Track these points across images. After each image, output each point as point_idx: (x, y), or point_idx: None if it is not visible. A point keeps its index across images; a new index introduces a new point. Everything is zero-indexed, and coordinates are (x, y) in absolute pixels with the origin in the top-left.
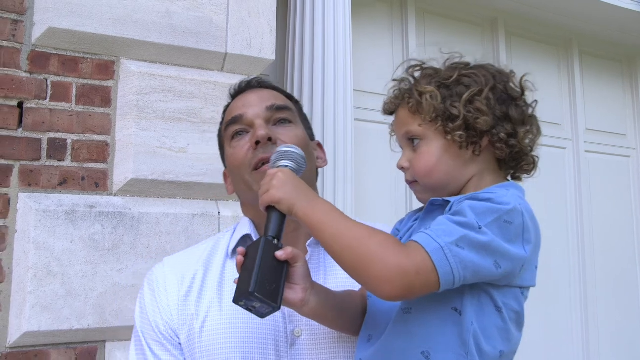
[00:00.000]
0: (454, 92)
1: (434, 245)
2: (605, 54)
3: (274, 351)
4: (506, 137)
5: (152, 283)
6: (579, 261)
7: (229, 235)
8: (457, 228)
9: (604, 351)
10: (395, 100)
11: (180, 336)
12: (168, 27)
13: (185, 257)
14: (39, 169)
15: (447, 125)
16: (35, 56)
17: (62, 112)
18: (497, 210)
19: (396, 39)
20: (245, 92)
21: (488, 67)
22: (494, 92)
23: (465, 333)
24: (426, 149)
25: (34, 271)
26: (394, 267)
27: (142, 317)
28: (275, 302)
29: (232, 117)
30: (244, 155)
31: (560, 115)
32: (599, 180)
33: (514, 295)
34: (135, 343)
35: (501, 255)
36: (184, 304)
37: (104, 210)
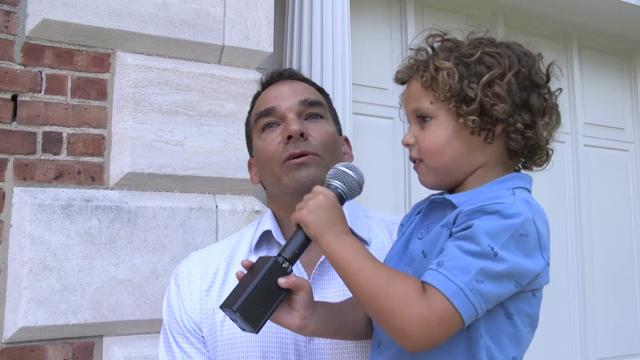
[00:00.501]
0: (473, 72)
1: (452, 287)
2: (605, 48)
3: (293, 346)
4: (523, 127)
5: (177, 278)
6: (577, 255)
7: (253, 230)
8: (472, 261)
9: (602, 347)
10: (408, 71)
11: (202, 329)
12: (165, 19)
13: (210, 251)
14: (34, 162)
15: (460, 107)
16: (29, 48)
17: (57, 105)
18: (510, 227)
19: (395, 32)
20: (277, 83)
21: (514, 47)
22: (517, 77)
23: (473, 346)
24: (435, 129)
25: (29, 266)
26: (416, 321)
27: (168, 312)
28: (254, 327)
29: (265, 109)
30: (275, 149)
31: (559, 109)
32: (598, 174)
33: (526, 299)
34: (163, 337)
35: (522, 275)
36: (206, 298)
37: (101, 204)
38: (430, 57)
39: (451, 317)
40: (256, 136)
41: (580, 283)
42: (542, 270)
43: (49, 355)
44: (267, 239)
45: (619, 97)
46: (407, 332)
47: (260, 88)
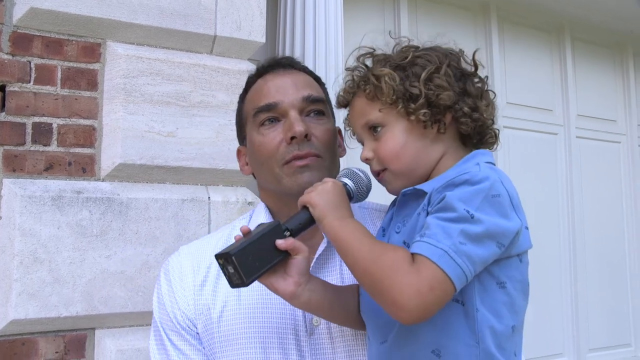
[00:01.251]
0: (410, 73)
1: (437, 252)
2: (597, 40)
3: (294, 340)
4: (470, 111)
5: (167, 273)
6: (569, 245)
7: (245, 223)
8: (452, 226)
9: (594, 337)
10: (350, 90)
11: (197, 326)
12: (155, 8)
13: (201, 245)
14: (23, 154)
15: (408, 106)
16: (17, 37)
17: (47, 95)
18: (481, 190)
19: (388, 24)
20: (275, 72)
21: (437, 47)
22: (450, 69)
23: (471, 321)
24: (390, 135)
25: (20, 258)
26: (407, 289)
27: (160, 308)
28: (246, 277)
29: (266, 104)
30: (276, 147)
31: (552, 101)
32: (590, 165)
33: (514, 265)
34: (154, 334)
35: (501, 234)
36: (200, 293)
37: (92, 196)
38: (367, 71)
39: (441, 281)
40: (253, 129)
41: (572, 273)
42: (520, 229)
43: (41, 348)
44: None
45: (611, 89)
46: (398, 302)
47: (255, 74)
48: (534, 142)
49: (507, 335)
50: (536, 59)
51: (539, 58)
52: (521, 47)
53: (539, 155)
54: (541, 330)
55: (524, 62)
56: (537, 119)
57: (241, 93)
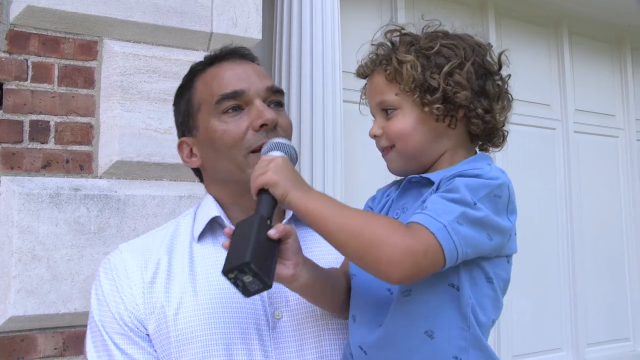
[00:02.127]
0: (433, 63)
1: (437, 224)
2: (595, 35)
3: (257, 335)
4: (483, 112)
5: (110, 271)
6: (567, 240)
7: (190, 219)
8: (454, 206)
9: (592, 331)
10: (371, 65)
11: (147, 327)
12: (152, 6)
13: (145, 242)
14: (21, 151)
15: (425, 96)
16: (13, 36)
17: (44, 93)
18: (488, 185)
19: (385, 19)
20: (234, 61)
21: (467, 38)
22: (474, 66)
23: (464, 307)
24: (402, 118)
25: (18, 255)
26: (403, 248)
27: (101, 310)
28: (269, 279)
29: (233, 90)
30: (242, 135)
31: (549, 96)
32: (588, 160)
33: (502, 265)
34: (93, 339)
35: (493, 228)
36: (150, 291)
37: (89, 193)
38: (391, 51)
39: (435, 250)
40: (212, 117)
41: (570, 268)
42: (509, 231)
43: (40, 345)
44: (211, 227)
45: (609, 84)
46: (393, 259)
47: (205, 62)
48: (531, 138)
49: (487, 327)
50: (534, 54)
51: (536, 53)
52: (519, 42)
53: (537, 150)
54: (540, 325)
55: (522, 57)
56: (535, 114)
57: (183, 82)
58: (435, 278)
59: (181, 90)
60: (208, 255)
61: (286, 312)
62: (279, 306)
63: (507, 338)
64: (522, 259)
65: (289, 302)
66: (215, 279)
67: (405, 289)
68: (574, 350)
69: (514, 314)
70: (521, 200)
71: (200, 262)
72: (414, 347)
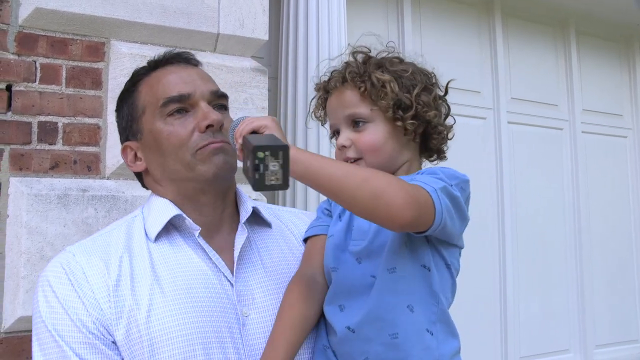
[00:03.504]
0: (403, 84)
1: (428, 187)
2: (602, 34)
3: (228, 332)
4: (442, 129)
5: (64, 276)
6: (575, 240)
7: (140, 220)
8: (438, 181)
9: (600, 333)
10: (341, 80)
11: (114, 333)
12: (159, 7)
13: (98, 244)
14: (29, 152)
15: (397, 112)
16: (22, 37)
17: (52, 94)
18: (458, 177)
19: (391, 20)
20: (178, 65)
21: (416, 64)
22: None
23: (434, 285)
24: (374, 131)
25: (27, 256)
26: (410, 194)
27: (56, 318)
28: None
29: (179, 94)
30: (188, 136)
31: (556, 96)
32: (596, 160)
33: (456, 254)
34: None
35: (459, 211)
36: (115, 294)
37: (97, 194)
38: (365, 69)
39: (430, 205)
40: (157, 120)
41: (578, 269)
42: (467, 221)
43: None
44: (165, 228)
45: (617, 84)
46: (403, 202)
47: (148, 67)
48: (539, 138)
49: (447, 306)
50: (541, 54)
51: (543, 53)
52: (525, 42)
53: (545, 150)
54: (547, 326)
55: (529, 57)
56: (542, 114)
57: (126, 87)
58: (412, 258)
59: (124, 95)
60: (167, 255)
61: (253, 310)
62: (246, 304)
63: (515, 339)
64: (529, 260)
65: (256, 299)
66: (180, 279)
67: (391, 267)
68: (582, 352)
69: (522, 315)
70: (528, 201)
71: (160, 263)
72: (398, 319)
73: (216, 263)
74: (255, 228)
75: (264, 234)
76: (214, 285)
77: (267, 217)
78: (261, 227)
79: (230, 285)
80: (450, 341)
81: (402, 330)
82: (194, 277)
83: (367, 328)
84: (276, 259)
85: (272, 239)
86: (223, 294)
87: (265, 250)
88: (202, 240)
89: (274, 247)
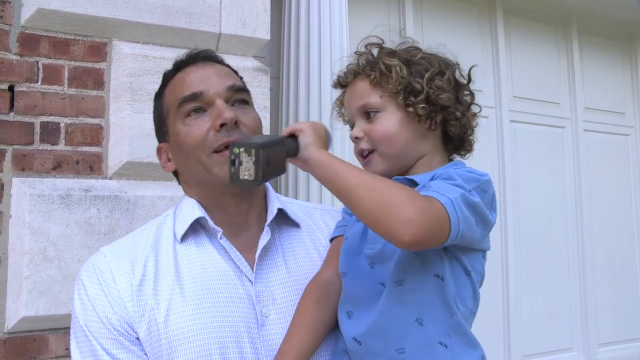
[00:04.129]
0: (414, 70)
1: (444, 198)
2: (604, 33)
3: (247, 332)
4: (460, 115)
5: (95, 276)
6: (577, 239)
7: (171, 220)
8: (455, 188)
9: (603, 331)
10: (353, 72)
11: (138, 330)
12: (160, 7)
13: (128, 244)
14: (32, 153)
15: (409, 98)
16: (25, 38)
17: (55, 95)
18: (478, 179)
19: (393, 19)
20: (195, 65)
21: (438, 55)
22: (451, 76)
23: (448, 296)
24: (386, 120)
25: (29, 256)
26: (420, 208)
27: (87, 314)
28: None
29: (191, 93)
30: (204, 136)
31: (559, 95)
32: (598, 159)
33: (478, 259)
34: (79, 344)
35: (481, 216)
36: (139, 294)
37: (99, 194)
38: (378, 58)
39: (444, 219)
40: (177, 121)
41: (581, 268)
42: (491, 225)
43: (51, 345)
44: (193, 228)
45: (619, 82)
46: (410, 217)
47: (173, 69)
48: (541, 136)
49: (466, 316)
50: (543, 52)
51: (545, 51)
52: (527, 41)
53: (547, 149)
54: (550, 324)
55: (531, 55)
56: (544, 112)
57: (157, 90)
58: (423, 269)
59: (155, 97)
60: (192, 256)
61: (273, 310)
62: (266, 304)
63: (518, 338)
64: (532, 259)
65: (276, 300)
66: (202, 280)
67: (399, 279)
68: (584, 351)
69: (525, 314)
70: (531, 199)
71: (185, 264)
72: (406, 333)
73: (238, 263)
74: (282, 228)
75: (291, 234)
76: (234, 286)
77: (295, 218)
78: (289, 227)
79: (252, 284)
80: (469, 353)
81: (409, 345)
82: (215, 277)
83: (373, 341)
84: (300, 259)
85: (298, 240)
86: (244, 294)
87: (290, 251)
88: (224, 241)
89: (300, 248)
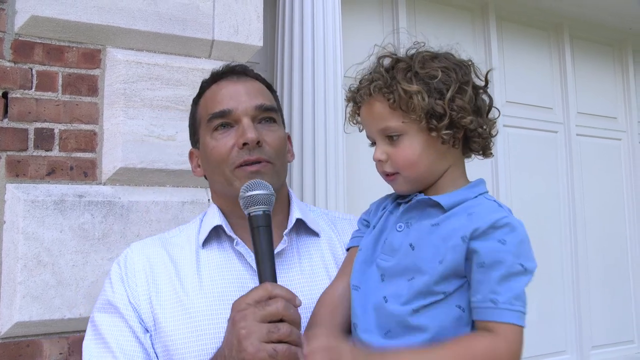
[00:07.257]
0: (433, 88)
1: (516, 315)
2: (596, 38)
3: None
4: (482, 130)
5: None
6: (571, 242)
7: (197, 226)
8: (516, 285)
9: (596, 334)
10: (368, 92)
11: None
12: (154, 14)
13: (153, 244)
14: (26, 159)
15: (431, 122)
16: (18, 45)
17: (49, 101)
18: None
19: (387, 24)
20: (229, 79)
21: (451, 58)
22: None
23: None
24: (409, 144)
25: (23, 261)
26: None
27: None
28: None
29: (220, 110)
30: (228, 152)
31: (551, 99)
32: (591, 163)
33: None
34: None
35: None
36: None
37: (93, 200)
38: (391, 80)
39: (521, 336)
40: (206, 134)
41: (574, 271)
42: None
43: (45, 350)
44: (217, 234)
45: (611, 87)
46: None
47: (210, 79)
48: (534, 141)
49: None
50: (535, 57)
51: (538, 56)
52: (520, 46)
53: (539, 153)
54: (544, 327)
55: (523, 60)
56: (536, 117)
57: (195, 97)
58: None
59: (192, 105)
60: (213, 259)
61: None
62: None
63: None
64: None
65: None
66: (219, 283)
67: (417, 307)
68: (578, 353)
69: None
70: (524, 204)
71: (205, 265)
72: None
73: (254, 266)
74: (302, 236)
75: (309, 241)
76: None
77: (313, 227)
78: (309, 235)
79: None
80: None
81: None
82: (230, 280)
83: None
84: (316, 265)
85: (316, 247)
86: None
87: (306, 255)
88: (241, 247)
89: (316, 254)
